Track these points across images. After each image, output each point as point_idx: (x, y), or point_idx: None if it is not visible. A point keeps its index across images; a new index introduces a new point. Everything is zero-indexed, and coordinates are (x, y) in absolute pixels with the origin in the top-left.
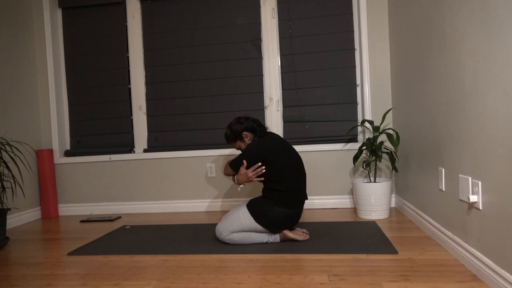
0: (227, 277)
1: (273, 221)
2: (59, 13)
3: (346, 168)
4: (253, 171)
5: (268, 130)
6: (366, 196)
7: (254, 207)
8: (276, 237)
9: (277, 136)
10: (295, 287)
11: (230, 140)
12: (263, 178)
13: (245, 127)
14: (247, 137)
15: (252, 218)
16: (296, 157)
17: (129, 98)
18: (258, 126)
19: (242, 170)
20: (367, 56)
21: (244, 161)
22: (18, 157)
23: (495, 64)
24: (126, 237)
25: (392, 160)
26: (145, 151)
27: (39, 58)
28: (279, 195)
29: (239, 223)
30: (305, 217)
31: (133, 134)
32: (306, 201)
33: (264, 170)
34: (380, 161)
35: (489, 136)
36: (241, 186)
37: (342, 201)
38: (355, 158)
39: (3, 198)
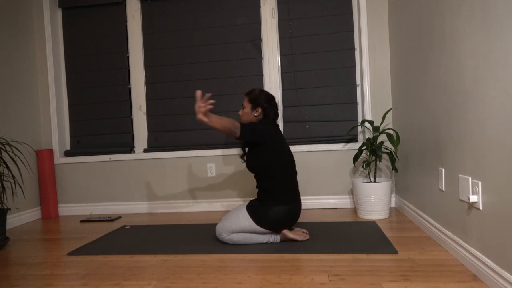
0: (227, 277)
1: (273, 221)
2: (59, 13)
3: (346, 168)
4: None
5: None
6: (366, 196)
7: (253, 210)
8: (276, 238)
9: (279, 130)
10: (295, 287)
11: (251, 97)
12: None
13: (266, 107)
14: (257, 113)
15: (251, 220)
16: (290, 153)
17: (129, 98)
18: (273, 117)
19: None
20: (367, 56)
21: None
22: (18, 157)
23: (495, 64)
24: (126, 237)
25: (392, 160)
26: (145, 151)
27: (39, 58)
28: (276, 192)
29: (239, 224)
30: (305, 217)
31: (133, 134)
32: (306, 201)
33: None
34: (380, 161)
35: (489, 136)
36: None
37: (342, 201)
38: (355, 158)
39: (3, 198)
